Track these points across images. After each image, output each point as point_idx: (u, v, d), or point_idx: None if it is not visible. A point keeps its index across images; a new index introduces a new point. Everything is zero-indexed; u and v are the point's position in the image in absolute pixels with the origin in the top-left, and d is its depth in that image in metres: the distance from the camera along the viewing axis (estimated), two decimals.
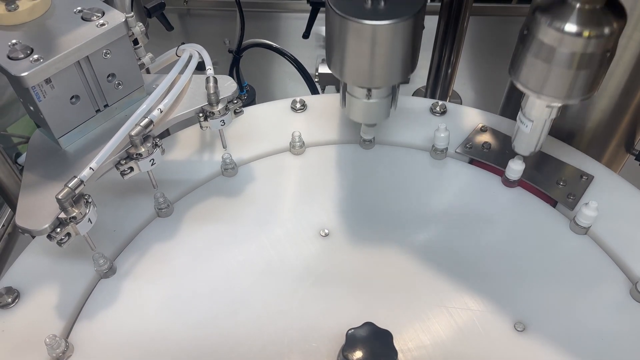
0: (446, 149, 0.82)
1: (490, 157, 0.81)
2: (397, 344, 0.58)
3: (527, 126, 0.72)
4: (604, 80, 0.78)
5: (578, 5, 0.58)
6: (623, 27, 0.59)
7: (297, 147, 0.83)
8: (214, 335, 0.64)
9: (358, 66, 0.67)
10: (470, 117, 0.88)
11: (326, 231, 0.74)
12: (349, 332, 0.58)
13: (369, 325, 0.59)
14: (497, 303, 0.66)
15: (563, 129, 0.87)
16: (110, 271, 0.69)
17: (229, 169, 0.80)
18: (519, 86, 0.66)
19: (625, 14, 0.59)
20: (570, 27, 0.58)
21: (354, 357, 0.56)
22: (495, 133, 0.84)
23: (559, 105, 0.67)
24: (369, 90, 0.72)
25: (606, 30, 0.58)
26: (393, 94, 0.75)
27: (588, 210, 0.70)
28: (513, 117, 0.79)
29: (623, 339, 0.64)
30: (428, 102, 0.90)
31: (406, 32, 0.64)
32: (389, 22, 0.62)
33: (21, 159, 1.07)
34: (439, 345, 0.63)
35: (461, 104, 1.46)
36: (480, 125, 0.85)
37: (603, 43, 0.59)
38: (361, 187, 0.80)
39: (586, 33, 0.57)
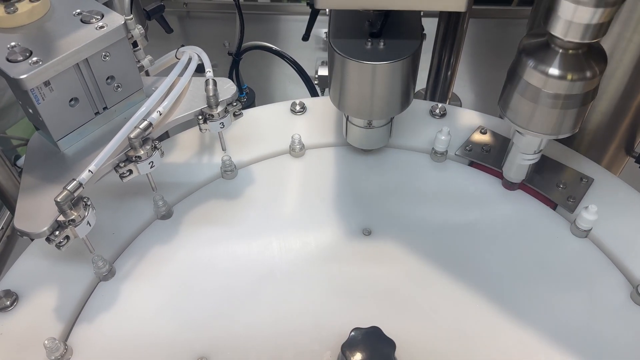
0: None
1: (490, 159, 0.81)
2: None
3: (516, 157, 0.74)
4: (604, 82, 0.78)
5: (561, 50, 0.60)
6: (604, 70, 0.62)
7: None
8: (214, 338, 0.64)
9: (359, 101, 0.72)
10: (469, 120, 0.88)
11: (325, 234, 0.73)
12: (353, 331, 0.58)
13: (374, 329, 0.59)
14: (496, 305, 0.66)
15: None
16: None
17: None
18: (507, 121, 0.69)
19: (606, 59, 0.62)
20: (554, 70, 0.61)
21: (353, 357, 0.56)
22: (495, 135, 0.84)
23: (546, 139, 0.70)
24: (369, 121, 0.76)
25: (588, 74, 0.60)
26: (391, 122, 0.79)
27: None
28: None
29: (624, 342, 0.64)
30: (428, 104, 0.90)
31: (404, 70, 0.68)
32: (388, 62, 0.66)
33: (20, 162, 1.06)
34: (436, 337, 0.63)
35: (461, 106, 1.45)
36: (480, 128, 0.85)
37: (586, 85, 0.61)
38: (361, 189, 0.79)
39: (569, 76, 0.60)
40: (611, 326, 0.65)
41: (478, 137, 0.84)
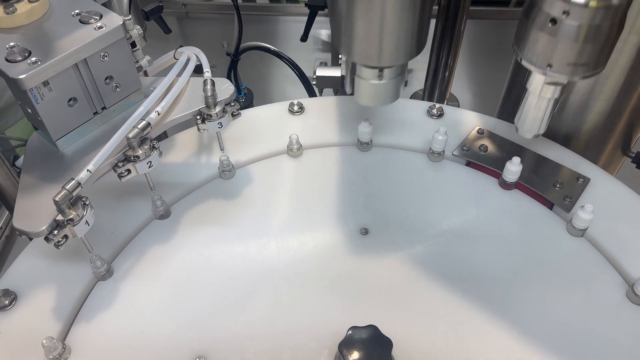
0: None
1: (487, 159, 0.81)
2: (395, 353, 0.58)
3: (532, 106, 0.70)
4: (600, 83, 0.79)
5: None
6: (631, 1, 0.58)
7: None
8: (212, 337, 0.64)
9: (367, 40, 0.64)
10: (467, 120, 0.88)
11: (323, 234, 0.74)
12: (350, 330, 0.58)
13: (371, 328, 0.59)
14: (492, 305, 0.67)
15: (560, 132, 0.87)
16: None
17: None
18: (524, 62, 0.65)
19: None
20: None
21: (350, 355, 0.56)
22: (492, 136, 0.85)
23: (564, 82, 0.66)
24: (381, 70, 0.69)
25: (614, 1, 0.56)
26: (402, 73, 0.71)
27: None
28: (510, 119, 0.80)
29: (620, 341, 0.64)
30: (425, 104, 0.90)
31: (416, 2, 0.61)
32: None
33: (19, 162, 1.07)
34: (434, 340, 0.63)
35: (459, 106, 1.46)
36: (477, 128, 0.86)
37: (611, 15, 0.57)
38: (359, 189, 0.80)
39: (594, 3, 0.56)
40: (607, 325, 0.65)
41: (475, 137, 0.85)
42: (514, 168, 0.76)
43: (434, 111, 0.89)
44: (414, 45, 0.65)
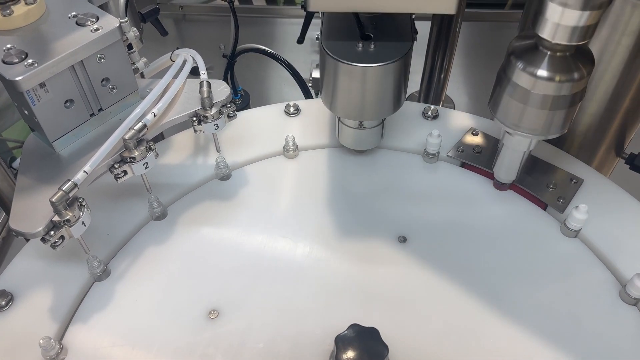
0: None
1: (481, 160, 0.82)
2: (387, 339, 0.58)
3: (506, 157, 0.75)
4: (593, 85, 0.79)
5: (549, 52, 0.62)
6: (592, 72, 0.63)
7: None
8: (209, 338, 0.64)
9: (350, 103, 0.72)
10: (461, 121, 0.88)
11: (320, 235, 0.74)
12: (338, 337, 0.59)
13: (354, 326, 0.59)
14: (488, 305, 0.67)
15: None
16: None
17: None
18: (497, 122, 0.70)
19: (593, 60, 0.63)
20: (542, 72, 0.62)
21: (343, 349, 0.57)
22: (486, 137, 0.85)
23: (536, 139, 0.71)
24: (361, 122, 0.77)
25: (576, 75, 0.62)
26: (382, 123, 0.79)
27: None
28: None
29: (613, 341, 0.64)
30: (420, 106, 0.91)
31: (394, 73, 0.69)
32: (378, 64, 0.67)
33: (16, 164, 1.07)
34: (429, 340, 0.64)
35: (454, 108, 1.46)
36: (471, 130, 0.86)
37: (574, 86, 0.62)
38: (354, 190, 0.80)
39: (557, 78, 0.62)
40: (600, 325, 0.66)
41: (470, 138, 0.85)
42: None
43: (429, 113, 0.89)
44: (392, 105, 0.74)
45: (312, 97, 1.30)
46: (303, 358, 0.62)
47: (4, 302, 0.66)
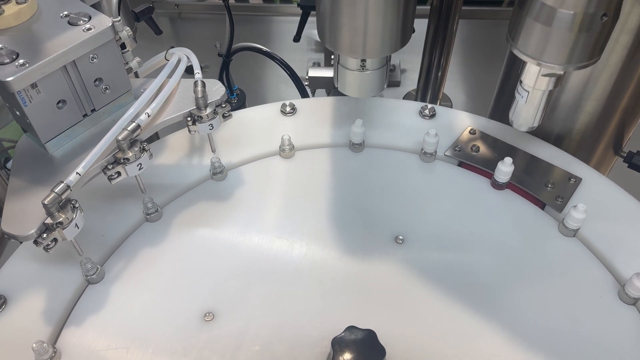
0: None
1: (479, 160, 0.81)
2: (384, 341, 0.58)
3: (525, 97, 0.70)
4: (591, 83, 0.79)
5: None
6: None
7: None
8: (203, 340, 0.64)
9: (351, 34, 0.66)
10: (459, 120, 0.88)
11: (316, 235, 0.74)
12: (334, 339, 0.58)
13: (351, 328, 0.59)
14: (485, 305, 0.67)
15: (552, 132, 0.88)
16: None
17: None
18: (517, 53, 0.65)
19: None
20: None
21: (340, 351, 0.56)
22: (484, 136, 0.85)
23: (559, 73, 0.66)
24: (363, 60, 0.70)
25: None
26: (387, 64, 0.73)
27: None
28: (502, 119, 0.80)
29: (612, 341, 0.64)
30: (417, 105, 0.90)
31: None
32: None
33: (10, 164, 1.06)
34: (426, 342, 0.63)
35: (452, 107, 1.46)
36: (469, 128, 0.86)
37: (605, 3, 0.57)
38: (351, 190, 0.79)
39: None
40: (599, 325, 0.65)
41: (467, 137, 0.85)
42: (505, 168, 0.76)
43: (427, 112, 0.89)
44: (398, 38, 0.66)
45: (309, 96, 1.29)
46: (305, 352, 0.62)
47: None
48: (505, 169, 0.76)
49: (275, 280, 0.69)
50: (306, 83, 1.38)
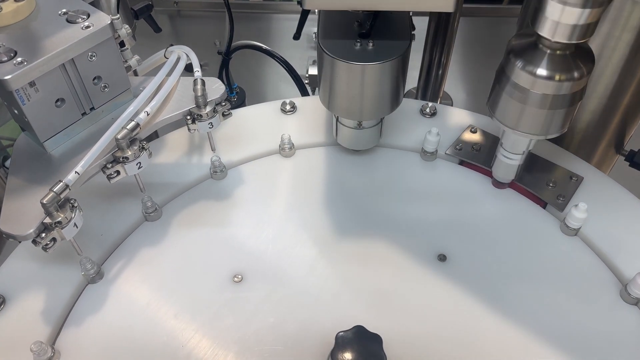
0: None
1: (480, 158, 0.81)
2: (387, 349, 0.57)
3: (505, 157, 0.74)
4: (593, 81, 0.78)
5: (549, 51, 0.60)
6: (592, 70, 0.62)
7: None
8: (203, 340, 0.63)
9: (348, 102, 0.71)
10: (460, 119, 0.87)
11: (316, 233, 0.73)
12: (339, 334, 0.58)
13: (359, 328, 0.58)
14: (487, 304, 0.66)
15: None
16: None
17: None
18: (496, 122, 0.69)
19: (594, 59, 0.62)
20: (542, 71, 0.61)
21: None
22: (485, 134, 0.84)
23: (535, 139, 0.70)
24: (359, 122, 0.76)
25: (576, 74, 0.60)
26: (381, 122, 0.79)
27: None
28: None
29: (614, 341, 0.64)
30: (418, 103, 0.90)
31: (393, 71, 0.68)
32: (377, 63, 0.66)
33: (9, 163, 1.06)
34: (427, 337, 0.63)
35: (452, 105, 1.46)
36: (470, 127, 0.85)
37: (574, 85, 0.61)
38: (352, 189, 0.79)
39: (557, 77, 0.60)
40: (601, 324, 0.65)
41: (468, 136, 0.84)
42: None
43: (427, 110, 0.88)
44: (391, 104, 0.73)
45: (309, 94, 1.29)
46: (303, 353, 0.62)
47: None
48: None
49: (273, 280, 0.69)
50: (306, 81, 1.37)
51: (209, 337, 0.64)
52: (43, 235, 0.59)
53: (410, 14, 0.74)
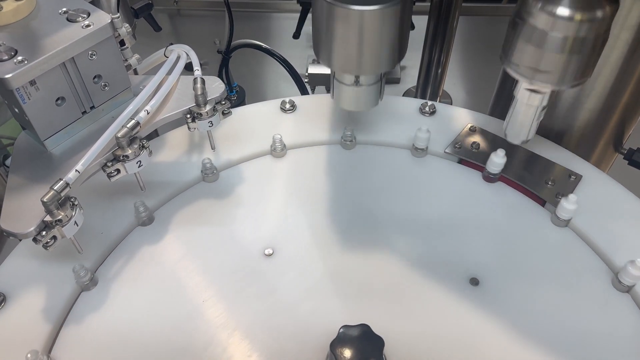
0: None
1: (479, 157, 0.81)
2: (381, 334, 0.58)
3: (519, 113, 0.71)
4: (592, 80, 0.78)
5: None
6: (616, 12, 0.58)
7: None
8: (202, 342, 0.64)
9: (346, 53, 0.66)
10: (459, 117, 0.88)
11: (313, 232, 0.73)
12: (342, 329, 0.58)
13: (363, 326, 0.59)
14: (479, 296, 0.67)
15: (552, 129, 0.87)
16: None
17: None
18: (511, 72, 0.65)
19: (618, 0, 0.58)
20: (563, 10, 0.57)
21: (342, 354, 0.56)
22: (484, 133, 0.85)
23: (551, 91, 0.67)
24: (357, 77, 0.71)
25: (599, 14, 0.57)
26: (381, 82, 0.74)
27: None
28: (502, 116, 0.79)
29: (606, 329, 0.64)
30: (417, 102, 0.90)
31: (394, 18, 0.63)
32: (377, 7, 0.61)
33: (9, 161, 1.06)
34: (424, 331, 0.64)
35: (451, 104, 1.46)
36: (469, 126, 0.86)
37: (596, 27, 0.58)
38: (349, 187, 0.79)
39: (578, 17, 0.57)
40: (593, 313, 0.65)
41: (467, 134, 0.84)
42: (498, 160, 0.76)
43: (427, 109, 0.89)
44: (392, 57, 0.67)
45: (308, 93, 1.29)
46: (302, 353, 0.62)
47: None
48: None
49: (270, 280, 0.69)
50: (306, 80, 1.37)
51: (211, 334, 0.64)
52: (44, 233, 0.59)
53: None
